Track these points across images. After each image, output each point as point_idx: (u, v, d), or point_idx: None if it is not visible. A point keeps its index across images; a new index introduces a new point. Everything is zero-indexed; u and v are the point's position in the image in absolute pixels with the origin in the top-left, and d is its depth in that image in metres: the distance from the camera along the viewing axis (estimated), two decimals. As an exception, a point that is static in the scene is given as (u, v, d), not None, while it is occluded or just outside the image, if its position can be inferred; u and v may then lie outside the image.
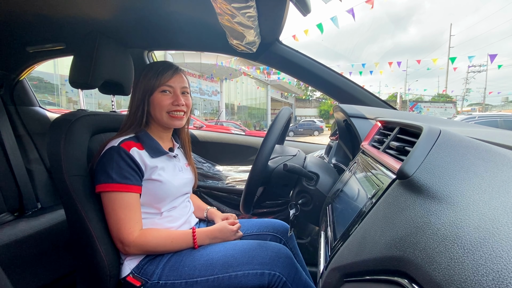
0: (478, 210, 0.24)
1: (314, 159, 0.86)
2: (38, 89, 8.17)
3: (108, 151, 0.74)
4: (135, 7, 0.93)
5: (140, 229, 0.74)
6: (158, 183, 0.78)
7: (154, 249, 0.75)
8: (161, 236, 0.76)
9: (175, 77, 0.82)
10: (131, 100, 0.84)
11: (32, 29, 1.09)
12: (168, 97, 0.81)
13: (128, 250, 0.73)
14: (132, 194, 0.73)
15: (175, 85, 0.82)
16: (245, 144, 1.63)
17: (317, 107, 33.34)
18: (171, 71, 0.82)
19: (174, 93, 0.82)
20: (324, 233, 0.58)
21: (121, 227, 0.72)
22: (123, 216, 0.72)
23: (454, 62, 7.82)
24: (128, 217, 0.72)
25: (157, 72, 0.81)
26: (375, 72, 8.66)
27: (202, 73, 14.81)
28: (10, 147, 1.25)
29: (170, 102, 0.81)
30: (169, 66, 0.83)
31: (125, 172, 0.73)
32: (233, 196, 1.43)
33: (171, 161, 0.85)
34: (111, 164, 0.72)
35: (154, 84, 0.80)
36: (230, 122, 12.49)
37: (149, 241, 0.73)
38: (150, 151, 0.79)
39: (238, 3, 0.70)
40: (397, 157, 0.43)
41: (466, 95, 30.92)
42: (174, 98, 0.82)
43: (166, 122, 0.82)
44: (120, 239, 0.72)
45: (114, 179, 0.71)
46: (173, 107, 0.81)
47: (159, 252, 0.76)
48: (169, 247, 0.76)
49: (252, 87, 21.25)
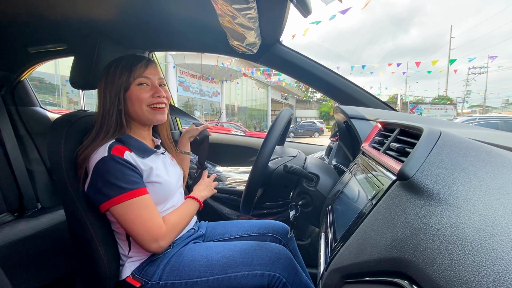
0: (479, 212, 0.24)
1: (314, 160, 0.86)
2: (39, 89, 8.18)
3: (102, 163, 0.67)
4: (136, 8, 0.93)
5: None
6: (158, 185, 0.75)
7: (180, 226, 0.77)
8: (176, 214, 0.77)
9: (150, 68, 0.77)
10: (100, 104, 0.75)
11: (33, 29, 1.09)
12: (147, 89, 0.76)
13: (165, 243, 0.71)
14: (146, 196, 0.70)
15: (152, 76, 0.77)
16: (246, 145, 1.63)
17: (318, 109, 33.35)
18: (144, 62, 0.77)
19: (152, 85, 0.77)
20: (324, 234, 0.57)
21: (151, 226, 0.69)
22: (149, 216, 0.69)
23: (455, 64, 7.82)
24: (153, 214, 0.70)
25: (129, 64, 0.75)
26: (375, 74, 8.66)
27: (202, 74, 14.84)
28: (10, 147, 1.25)
29: (149, 95, 0.76)
30: (140, 58, 0.78)
31: (132, 177, 0.69)
32: (233, 197, 1.43)
33: (159, 158, 0.81)
34: (114, 174, 0.66)
35: (129, 78, 0.74)
36: (231, 123, 12.50)
37: (175, 222, 0.74)
38: (138, 152, 0.74)
39: (239, 4, 0.70)
40: (398, 159, 0.43)
41: (467, 97, 30.92)
42: (154, 90, 0.76)
43: (148, 117, 0.77)
44: (154, 237, 0.69)
45: (125, 189, 0.66)
46: (153, 99, 0.76)
47: (184, 227, 0.79)
48: (188, 218, 0.80)
49: (253, 88, 21.27)
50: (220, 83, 17.17)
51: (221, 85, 17.34)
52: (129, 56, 0.79)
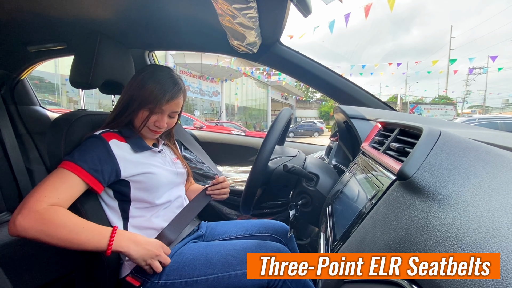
0: (478, 211, 0.24)
1: (314, 160, 0.86)
2: (38, 88, 8.17)
3: (87, 138, 0.73)
4: (136, 8, 0.93)
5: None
6: (150, 175, 0.77)
7: (56, 228, 0.59)
8: (74, 219, 0.63)
9: (171, 104, 0.79)
10: (122, 99, 0.80)
11: (33, 28, 1.09)
12: (154, 116, 0.79)
13: (22, 221, 0.57)
14: (79, 180, 0.65)
15: (166, 109, 0.79)
16: (245, 145, 1.63)
17: (318, 109, 33.36)
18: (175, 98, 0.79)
19: (161, 116, 0.80)
20: (324, 234, 0.58)
21: (37, 193, 0.60)
22: (50, 185, 0.62)
23: (455, 64, 7.82)
24: (55, 187, 0.62)
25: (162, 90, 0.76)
26: (375, 74, 8.67)
27: (202, 73, 14.83)
28: (10, 146, 1.25)
29: (153, 122, 0.79)
30: (176, 91, 0.78)
31: (90, 158, 0.68)
32: (233, 197, 1.43)
33: (156, 156, 0.84)
34: (81, 147, 0.70)
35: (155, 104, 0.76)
36: (230, 123, 12.49)
37: (55, 216, 0.60)
38: (133, 145, 0.78)
39: (239, 4, 0.70)
40: (397, 158, 0.43)
41: (467, 97, 30.94)
42: (158, 119, 0.79)
43: (142, 133, 0.82)
44: (22, 205, 0.59)
45: (74, 159, 0.67)
46: (153, 126, 0.80)
47: (59, 236, 0.59)
48: (75, 234, 0.61)
49: (253, 88, 21.26)
50: (220, 83, 17.17)
51: (221, 84, 17.34)
52: (168, 80, 0.78)
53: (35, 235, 0.58)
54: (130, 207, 0.77)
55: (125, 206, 0.77)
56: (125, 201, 0.77)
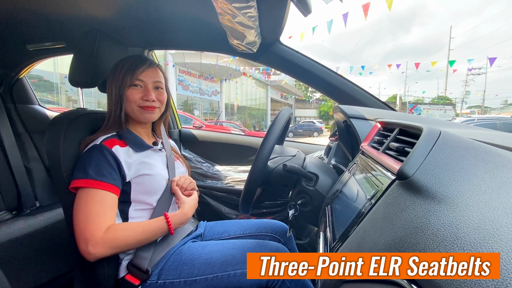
0: (478, 211, 0.24)
1: (313, 159, 0.86)
2: (37, 87, 8.15)
3: (90, 149, 0.72)
4: (135, 6, 0.93)
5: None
6: (148, 177, 0.77)
7: (125, 242, 0.67)
8: (131, 227, 0.70)
9: (148, 71, 0.80)
10: (108, 98, 0.81)
11: (32, 27, 1.08)
12: (139, 91, 0.79)
13: (94, 250, 0.63)
14: (109, 193, 0.69)
15: (146, 80, 0.79)
16: (245, 144, 1.63)
17: (317, 108, 33.36)
18: (146, 65, 0.80)
19: (145, 88, 0.80)
20: (323, 233, 0.58)
21: (89, 223, 0.65)
22: (94, 211, 0.66)
23: (454, 64, 7.82)
24: (100, 212, 0.66)
25: (132, 66, 0.78)
26: (375, 74, 8.67)
27: (202, 73, 14.81)
28: (9, 145, 1.24)
29: (140, 97, 0.79)
30: (144, 60, 0.81)
31: (103, 169, 0.69)
32: (232, 196, 1.43)
33: (157, 154, 0.84)
34: (90, 160, 0.70)
35: (131, 79, 0.78)
36: (230, 123, 12.48)
37: (118, 235, 0.66)
38: (134, 146, 0.78)
39: (239, 3, 0.70)
40: (397, 158, 0.43)
41: (466, 98, 31.00)
42: (144, 93, 0.79)
43: (137, 116, 0.80)
44: (85, 237, 0.64)
45: (90, 175, 0.68)
46: (143, 102, 0.79)
47: (132, 247, 0.69)
48: (141, 238, 0.69)
49: (252, 88, 21.24)
50: (220, 82, 17.15)
51: (221, 84, 17.32)
52: (134, 57, 0.82)
53: (113, 253, 0.67)
54: (129, 208, 0.77)
55: (124, 208, 0.77)
56: (125, 202, 0.77)
